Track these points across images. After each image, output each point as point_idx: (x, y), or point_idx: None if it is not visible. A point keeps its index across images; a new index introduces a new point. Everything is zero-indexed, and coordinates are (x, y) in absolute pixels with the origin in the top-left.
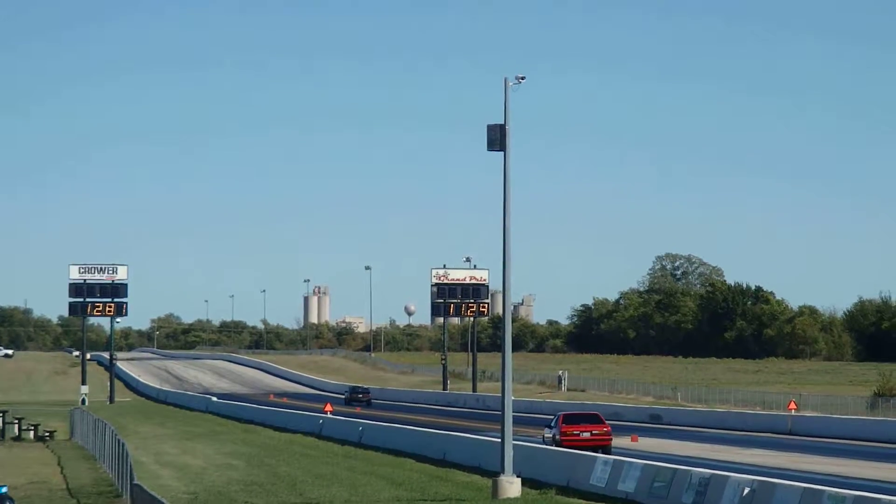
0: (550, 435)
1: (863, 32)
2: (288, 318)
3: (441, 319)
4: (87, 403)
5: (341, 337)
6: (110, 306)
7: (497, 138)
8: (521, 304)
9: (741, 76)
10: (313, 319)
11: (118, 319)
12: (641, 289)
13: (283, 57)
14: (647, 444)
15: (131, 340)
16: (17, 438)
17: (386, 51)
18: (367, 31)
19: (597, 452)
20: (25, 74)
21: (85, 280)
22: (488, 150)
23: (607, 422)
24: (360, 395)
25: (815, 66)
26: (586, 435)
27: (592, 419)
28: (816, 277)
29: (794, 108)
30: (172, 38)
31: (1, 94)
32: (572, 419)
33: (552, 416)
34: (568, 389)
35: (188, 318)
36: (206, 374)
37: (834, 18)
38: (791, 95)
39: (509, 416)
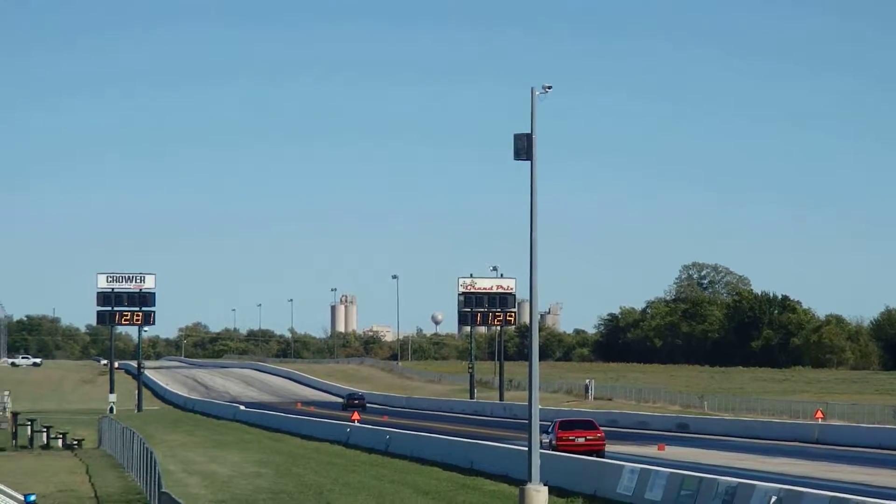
0: (547, 440)
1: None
2: (315, 326)
3: (468, 328)
4: (114, 412)
5: (368, 346)
6: (138, 315)
7: (524, 147)
8: (548, 312)
9: (763, 91)
10: (340, 328)
11: (146, 328)
12: (668, 298)
13: (313, 70)
14: (673, 452)
15: (159, 349)
16: (46, 447)
17: (413, 65)
18: (396, 46)
19: (591, 457)
20: (49, 78)
21: (113, 289)
22: (515, 159)
23: (631, 429)
24: (356, 401)
25: (839, 82)
26: (581, 440)
27: (587, 425)
28: (843, 286)
29: (819, 119)
30: (210, 46)
31: (29, 98)
32: (568, 425)
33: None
34: (595, 398)
35: (216, 327)
36: (233, 382)
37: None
38: (816, 107)
39: (536, 424)
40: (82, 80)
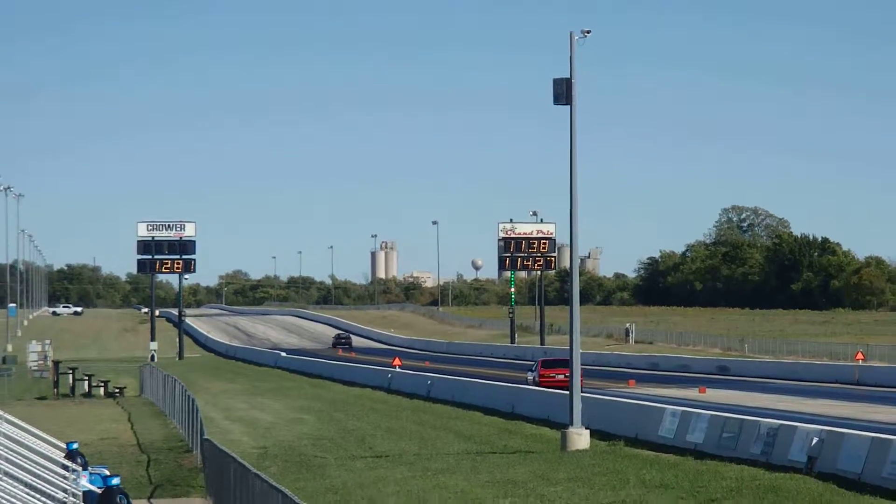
0: (531, 377)
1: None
2: (356, 273)
3: (508, 273)
4: (156, 360)
5: (409, 292)
6: (178, 263)
7: (563, 92)
8: (588, 257)
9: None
10: (381, 275)
11: (186, 276)
12: (708, 241)
13: (355, 41)
14: (715, 395)
15: (200, 297)
16: (88, 395)
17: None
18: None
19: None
20: (100, 51)
21: (153, 237)
22: (554, 104)
23: (673, 372)
24: (343, 340)
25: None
26: (560, 377)
27: (566, 364)
28: (883, 228)
29: (855, 55)
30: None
31: (78, 68)
32: (549, 364)
33: (619, 369)
34: (635, 342)
35: (256, 275)
36: (274, 329)
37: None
38: (848, 54)
39: (578, 368)
40: (133, 53)
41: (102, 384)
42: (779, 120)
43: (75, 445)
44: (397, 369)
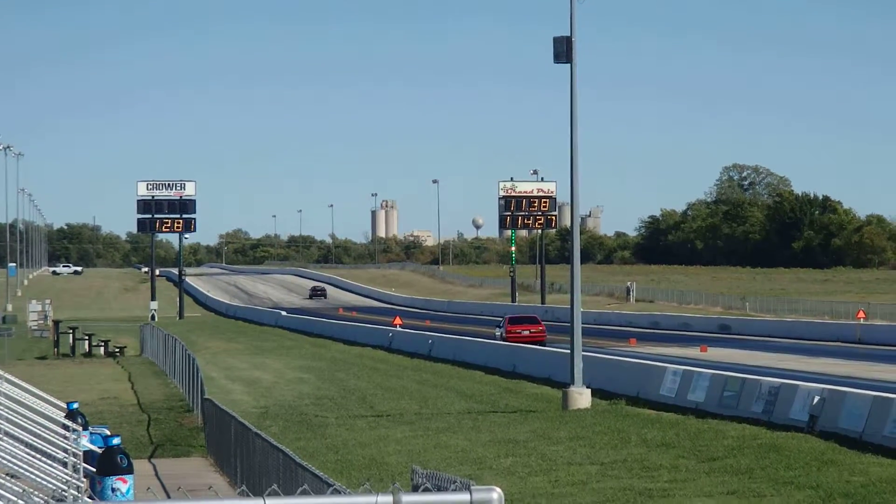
0: (499, 333)
1: None
2: (356, 232)
3: (509, 232)
4: (156, 319)
5: (409, 251)
6: (178, 222)
7: (563, 51)
8: (589, 216)
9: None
10: (381, 233)
11: (186, 235)
12: (709, 200)
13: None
14: (716, 354)
15: (200, 256)
16: (88, 355)
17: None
18: None
19: (534, 346)
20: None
21: (153, 196)
22: (555, 62)
23: (674, 331)
24: (319, 292)
25: None
26: (526, 333)
27: (531, 321)
28: (884, 186)
29: (856, 17)
30: None
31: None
32: (516, 320)
33: (620, 327)
34: (636, 300)
35: (256, 234)
36: (274, 288)
37: None
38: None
39: (578, 327)
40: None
41: (103, 344)
42: (780, 79)
43: (76, 405)
44: (398, 328)
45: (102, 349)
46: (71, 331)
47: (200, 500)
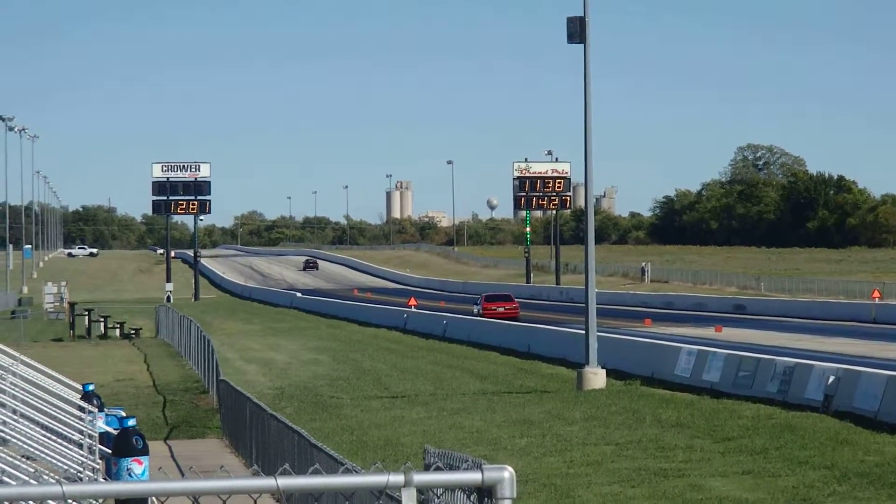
0: (476, 310)
1: None
2: (371, 213)
3: (523, 213)
4: (171, 301)
5: (424, 231)
6: (193, 204)
7: (576, 31)
8: (604, 196)
9: None
10: (396, 214)
11: (201, 217)
12: (723, 180)
13: None
14: (731, 334)
15: (215, 238)
16: (104, 336)
17: None
18: None
19: (508, 321)
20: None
21: (168, 178)
22: (568, 42)
23: (688, 311)
24: (311, 265)
25: None
26: (501, 310)
27: (506, 298)
28: None
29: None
30: None
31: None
32: (491, 298)
33: (634, 308)
34: (651, 281)
35: (271, 215)
36: (289, 270)
37: None
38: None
39: (593, 307)
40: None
41: (118, 325)
42: (795, 60)
43: (91, 387)
44: (413, 309)
45: (118, 331)
46: (86, 313)
47: (211, 480)
